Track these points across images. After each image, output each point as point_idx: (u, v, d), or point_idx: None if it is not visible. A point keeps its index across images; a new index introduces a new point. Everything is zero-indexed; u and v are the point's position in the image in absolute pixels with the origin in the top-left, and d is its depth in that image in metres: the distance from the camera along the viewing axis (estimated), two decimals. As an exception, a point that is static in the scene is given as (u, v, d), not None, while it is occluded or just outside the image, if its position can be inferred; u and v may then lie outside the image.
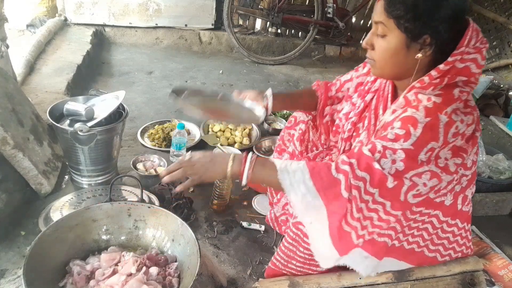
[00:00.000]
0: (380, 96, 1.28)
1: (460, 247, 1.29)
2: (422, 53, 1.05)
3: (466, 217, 1.25)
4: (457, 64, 1.02)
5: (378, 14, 1.05)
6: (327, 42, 4.17)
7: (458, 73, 1.03)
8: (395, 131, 1.01)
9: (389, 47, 1.06)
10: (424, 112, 1.00)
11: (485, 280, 1.39)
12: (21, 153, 1.58)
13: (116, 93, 1.79)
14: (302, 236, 1.23)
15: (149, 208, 1.31)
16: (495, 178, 2.18)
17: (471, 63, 1.02)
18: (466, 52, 1.02)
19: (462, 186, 1.17)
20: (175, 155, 2.07)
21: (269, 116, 2.69)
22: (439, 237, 1.22)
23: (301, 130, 1.56)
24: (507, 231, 1.99)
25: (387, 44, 1.06)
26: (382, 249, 1.12)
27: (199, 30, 3.96)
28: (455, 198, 1.17)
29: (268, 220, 1.74)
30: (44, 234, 1.12)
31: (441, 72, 1.02)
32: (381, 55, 1.09)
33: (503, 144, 2.96)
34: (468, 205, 1.24)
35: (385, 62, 1.10)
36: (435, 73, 1.03)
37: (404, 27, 1.02)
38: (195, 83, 3.19)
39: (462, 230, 1.26)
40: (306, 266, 1.28)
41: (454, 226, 1.23)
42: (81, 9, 3.58)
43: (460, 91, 1.03)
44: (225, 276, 1.45)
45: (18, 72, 2.35)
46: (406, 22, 1.01)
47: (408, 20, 1.01)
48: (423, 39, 1.02)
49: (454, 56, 1.01)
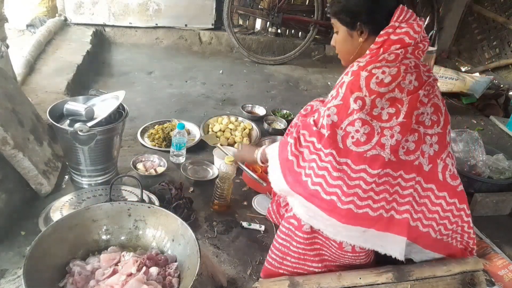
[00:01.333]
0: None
1: (452, 225, 1.29)
2: (362, 37, 1.31)
3: (455, 192, 1.26)
4: (391, 37, 1.24)
5: (331, 17, 1.38)
6: (327, 42, 4.16)
7: (392, 43, 1.24)
8: (330, 94, 1.29)
9: (339, 39, 1.38)
10: (350, 74, 1.24)
11: (485, 280, 1.39)
12: (21, 153, 1.58)
13: (116, 93, 1.79)
14: (294, 230, 1.27)
15: (149, 208, 1.31)
16: (495, 178, 2.18)
17: (404, 36, 1.24)
18: (398, 27, 1.24)
19: (434, 150, 1.25)
20: (175, 155, 2.08)
21: (269, 116, 2.70)
22: (430, 210, 1.24)
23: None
24: (507, 231, 1.99)
25: (339, 37, 1.38)
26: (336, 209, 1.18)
27: (199, 30, 3.96)
28: (432, 163, 1.24)
29: (269, 213, 1.75)
30: (44, 234, 1.12)
31: (378, 43, 1.26)
32: (338, 47, 1.41)
33: (503, 144, 2.96)
34: (455, 180, 1.28)
35: (341, 51, 1.41)
36: (373, 46, 1.27)
37: (343, 20, 1.33)
38: (195, 83, 3.19)
39: (453, 206, 1.26)
40: (302, 262, 1.29)
41: (442, 198, 1.25)
42: (81, 9, 3.58)
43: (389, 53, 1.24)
44: (225, 276, 1.45)
45: (18, 72, 2.35)
46: (343, 16, 1.32)
47: (343, 14, 1.32)
48: (358, 27, 1.30)
49: (386, 29, 1.25)
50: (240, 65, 3.74)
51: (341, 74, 1.37)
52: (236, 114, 2.61)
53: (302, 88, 3.48)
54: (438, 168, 1.25)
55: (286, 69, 3.80)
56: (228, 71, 3.54)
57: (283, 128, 2.57)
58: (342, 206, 1.16)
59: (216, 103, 2.90)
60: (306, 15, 3.89)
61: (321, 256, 1.31)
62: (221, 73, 3.49)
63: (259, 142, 2.35)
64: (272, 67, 3.79)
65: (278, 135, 2.43)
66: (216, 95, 3.02)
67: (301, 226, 1.26)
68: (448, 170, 1.27)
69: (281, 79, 3.56)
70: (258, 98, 3.10)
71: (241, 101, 2.91)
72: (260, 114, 2.73)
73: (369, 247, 1.23)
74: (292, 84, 3.50)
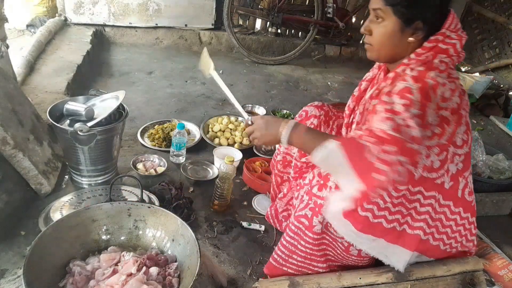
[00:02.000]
0: (375, 84, 1.35)
1: (461, 237, 1.29)
2: (414, 37, 1.16)
3: (469, 207, 1.26)
4: (440, 45, 1.14)
5: (376, 2, 1.16)
6: (327, 42, 4.17)
7: (439, 52, 1.14)
8: (399, 103, 1.05)
9: (385, 31, 1.17)
10: (411, 80, 1.08)
11: (485, 280, 1.39)
12: (21, 153, 1.58)
13: (116, 93, 1.79)
14: (304, 229, 1.24)
15: (149, 208, 1.31)
16: (495, 178, 2.18)
17: (451, 47, 1.14)
18: (448, 36, 1.14)
19: (458, 168, 1.21)
20: (175, 155, 2.08)
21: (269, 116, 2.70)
22: (444, 225, 1.23)
23: (313, 124, 1.57)
24: (507, 231, 1.99)
25: (384, 28, 1.17)
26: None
27: (199, 30, 3.96)
28: (454, 181, 1.21)
29: (267, 217, 1.74)
30: (44, 234, 1.12)
31: (426, 49, 1.14)
32: (378, 38, 1.20)
33: (503, 144, 2.96)
34: (471, 196, 1.26)
35: (381, 45, 1.21)
36: (421, 50, 1.15)
37: (400, 13, 1.13)
38: (195, 83, 3.19)
39: (465, 221, 1.27)
40: (307, 262, 1.28)
41: (457, 214, 1.24)
42: (81, 9, 3.58)
43: (440, 61, 1.13)
44: (225, 276, 1.45)
45: (18, 72, 2.35)
46: (402, 8, 1.12)
47: (404, 7, 1.12)
48: (415, 25, 1.14)
49: (437, 35, 1.14)
50: (240, 65, 3.74)
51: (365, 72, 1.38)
52: (236, 114, 2.61)
53: (302, 88, 3.48)
54: (459, 186, 1.22)
55: (286, 69, 3.80)
56: (228, 71, 3.54)
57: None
58: (360, 212, 1.13)
59: (216, 103, 2.90)
60: (306, 15, 3.89)
61: (326, 256, 1.30)
62: (221, 73, 3.49)
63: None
64: (272, 67, 3.79)
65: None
66: (216, 95, 3.02)
67: (312, 227, 1.22)
68: (468, 187, 1.25)
69: (281, 79, 3.56)
70: (258, 98, 3.10)
71: (241, 101, 2.88)
72: (260, 114, 2.73)
73: (374, 255, 1.22)
74: (292, 84, 3.50)
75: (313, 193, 1.22)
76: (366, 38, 1.25)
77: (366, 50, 1.27)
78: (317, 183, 1.23)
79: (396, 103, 1.05)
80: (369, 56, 1.27)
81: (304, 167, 1.59)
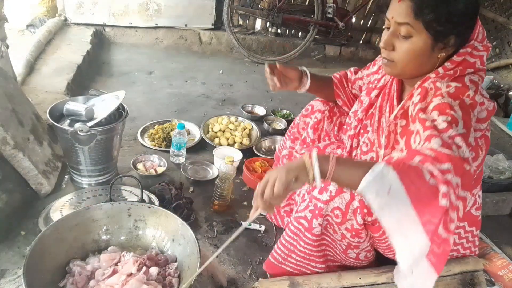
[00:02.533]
0: (386, 94, 1.29)
1: (465, 250, 1.29)
2: (445, 52, 1.06)
3: (475, 222, 1.25)
4: (468, 58, 1.06)
5: (403, 15, 1.03)
6: (327, 42, 4.17)
7: (468, 66, 1.06)
8: (441, 120, 0.94)
9: (414, 48, 1.05)
10: (449, 98, 0.98)
11: (485, 280, 1.39)
12: (21, 153, 1.58)
13: (116, 93, 1.79)
14: (303, 230, 1.24)
15: (149, 208, 1.31)
16: (495, 178, 2.18)
17: (478, 60, 1.06)
18: (476, 48, 1.06)
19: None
20: (175, 155, 2.08)
21: (269, 116, 2.70)
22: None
23: (316, 119, 1.57)
24: (507, 231, 1.99)
25: (412, 45, 1.05)
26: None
27: (199, 30, 3.96)
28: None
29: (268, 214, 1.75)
30: (44, 234, 1.13)
31: (455, 63, 1.06)
32: (404, 56, 1.07)
33: (503, 144, 2.96)
34: (478, 211, 1.24)
35: (408, 63, 1.08)
36: (449, 64, 1.06)
37: (434, 30, 1.01)
38: (195, 83, 3.19)
39: (469, 234, 1.26)
40: (306, 262, 1.28)
41: (461, 228, 1.23)
42: (81, 9, 3.58)
43: (469, 80, 1.05)
44: (225, 276, 1.45)
45: (18, 72, 2.35)
46: (437, 25, 1.01)
47: (439, 23, 1.01)
48: (448, 39, 1.04)
49: (465, 48, 1.05)
50: (240, 65, 3.74)
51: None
52: (236, 114, 2.61)
53: (302, 88, 3.47)
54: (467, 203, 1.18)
55: (286, 69, 3.79)
56: (228, 71, 3.54)
57: (283, 128, 2.57)
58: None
59: (216, 103, 2.90)
60: (306, 15, 3.89)
61: (325, 257, 1.30)
62: (221, 73, 3.49)
63: (259, 142, 2.34)
64: (272, 67, 3.79)
65: (278, 135, 2.43)
66: (216, 95, 3.02)
67: (311, 228, 1.22)
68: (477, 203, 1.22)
69: (281, 79, 3.56)
70: (258, 98, 3.10)
71: (241, 101, 2.90)
72: (260, 114, 2.73)
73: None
74: (292, 84, 3.50)
75: (313, 195, 1.22)
76: (385, 54, 1.12)
77: (385, 66, 1.14)
78: None
79: (438, 119, 0.94)
80: (389, 72, 1.16)
81: None
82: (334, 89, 1.55)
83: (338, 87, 1.54)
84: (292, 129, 1.68)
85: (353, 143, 1.37)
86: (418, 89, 1.10)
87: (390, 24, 1.08)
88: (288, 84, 1.44)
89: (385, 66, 1.15)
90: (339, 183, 0.94)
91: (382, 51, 1.12)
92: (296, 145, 1.64)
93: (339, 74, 1.57)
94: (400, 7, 1.03)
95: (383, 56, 1.13)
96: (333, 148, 1.49)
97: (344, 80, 1.55)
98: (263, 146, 2.34)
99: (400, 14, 1.04)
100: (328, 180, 0.91)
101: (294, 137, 1.66)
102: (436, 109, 0.97)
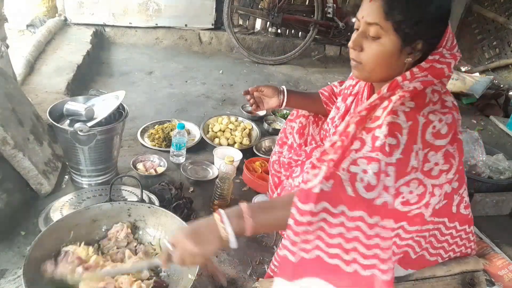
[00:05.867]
0: (359, 99, 1.29)
1: (459, 248, 1.29)
2: (412, 57, 1.03)
3: (466, 220, 1.24)
4: (435, 64, 1.02)
5: (373, 15, 1.01)
6: (327, 42, 4.17)
7: (434, 73, 1.02)
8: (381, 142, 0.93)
9: (383, 50, 1.02)
10: (404, 117, 0.95)
11: (485, 280, 1.39)
12: (21, 153, 1.58)
13: (116, 93, 1.79)
14: None
15: (149, 208, 1.31)
16: (495, 178, 2.18)
17: (445, 66, 1.03)
18: (443, 55, 1.03)
19: (452, 187, 1.13)
20: (175, 155, 2.08)
21: (269, 116, 2.70)
22: (438, 240, 1.21)
23: (301, 123, 1.60)
24: (507, 231, 1.99)
25: (381, 47, 1.02)
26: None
27: (199, 30, 3.96)
28: (448, 199, 1.14)
29: None
30: (44, 234, 1.13)
31: (422, 69, 1.02)
32: (372, 57, 1.05)
33: (503, 144, 2.96)
34: (467, 209, 1.23)
35: (375, 65, 1.06)
36: (417, 70, 1.02)
37: (403, 32, 0.99)
38: (195, 83, 3.19)
39: (462, 232, 1.26)
40: None
41: (453, 228, 1.23)
42: (81, 9, 3.58)
43: (432, 91, 1.02)
44: (225, 276, 1.45)
45: (18, 72, 2.35)
46: (406, 27, 0.98)
47: (409, 25, 0.98)
48: (415, 44, 1.02)
49: (434, 55, 1.02)
50: (240, 65, 3.74)
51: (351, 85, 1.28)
52: (236, 114, 2.61)
53: (302, 88, 3.48)
54: (453, 203, 1.17)
55: (286, 69, 3.80)
56: (228, 71, 3.54)
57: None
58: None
59: (216, 103, 2.90)
60: (306, 15, 3.89)
61: None
62: (221, 73, 3.49)
63: (259, 142, 2.34)
64: (272, 67, 3.79)
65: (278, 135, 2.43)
66: (216, 95, 3.02)
67: None
68: (464, 202, 1.21)
69: (281, 79, 3.56)
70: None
71: (241, 101, 2.90)
72: (260, 114, 2.73)
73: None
74: (292, 84, 3.50)
75: None
76: (354, 54, 1.08)
77: (354, 69, 1.11)
78: None
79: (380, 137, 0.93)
80: (357, 75, 1.12)
81: (292, 164, 1.58)
82: (325, 106, 1.56)
83: (328, 104, 1.56)
84: (280, 134, 1.71)
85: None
86: (376, 94, 1.05)
87: (360, 25, 1.05)
88: (268, 102, 1.55)
89: (353, 68, 1.12)
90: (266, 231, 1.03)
91: (351, 52, 1.09)
92: (284, 149, 1.65)
93: (327, 91, 1.58)
94: (371, 7, 1.01)
95: (351, 57, 1.10)
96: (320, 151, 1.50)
97: (332, 95, 1.57)
98: (263, 146, 2.34)
99: (370, 14, 1.01)
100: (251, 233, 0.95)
101: (282, 142, 1.68)
102: (388, 126, 0.94)
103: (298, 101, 1.58)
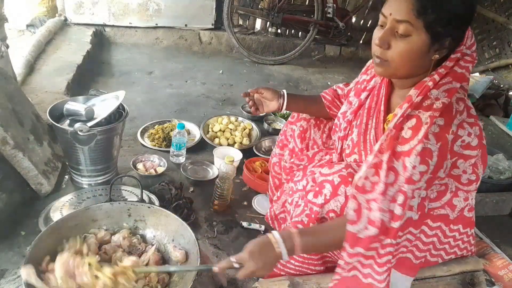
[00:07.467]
0: (375, 95, 1.27)
1: (461, 251, 1.29)
2: (439, 54, 1.04)
3: (468, 222, 1.25)
4: (456, 68, 1.05)
5: (404, 13, 0.98)
6: (327, 42, 4.17)
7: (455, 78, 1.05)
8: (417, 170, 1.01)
9: (411, 47, 1.01)
10: (434, 139, 1.01)
11: (485, 280, 1.39)
12: (21, 153, 1.58)
13: (116, 93, 1.79)
14: None
15: (149, 208, 1.31)
16: (495, 178, 2.18)
17: (465, 71, 1.06)
18: (464, 54, 1.06)
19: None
20: (175, 155, 2.08)
21: (269, 116, 2.70)
22: (441, 242, 1.22)
23: (302, 127, 1.56)
24: (507, 231, 1.99)
25: (410, 44, 1.01)
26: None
27: (199, 30, 3.96)
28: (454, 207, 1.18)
29: (267, 218, 1.74)
30: (44, 234, 1.13)
31: (447, 68, 1.05)
32: (400, 55, 1.03)
33: (503, 144, 2.96)
34: (471, 212, 1.23)
35: (403, 62, 1.04)
36: (442, 70, 1.05)
37: (435, 30, 0.99)
38: (195, 83, 3.19)
39: (464, 235, 1.26)
40: (305, 266, 1.28)
41: (456, 231, 1.23)
42: (81, 9, 3.58)
43: (456, 100, 1.05)
44: (225, 276, 1.45)
45: (18, 72, 2.35)
46: (438, 26, 0.98)
47: (440, 24, 0.98)
48: (445, 41, 1.02)
49: (455, 53, 1.05)
50: (240, 65, 3.74)
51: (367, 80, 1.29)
52: (236, 114, 2.61)
53: (302, 88, 3.47)
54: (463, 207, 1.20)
55: (286, 69, 3.80)
56: (228, 71, 3.54)
57: (283, 128, 2.57)
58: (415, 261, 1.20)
59: (216, 103, 2.90)
60: (306, 15, 3.89)
61: (324, 259, 1.30)
62: (221, 73, 3.49)
63: (259, 142, 2.34)
64: (272, 67, 3.79)
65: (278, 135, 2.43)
66: (216, 95, 3.02)
67: None
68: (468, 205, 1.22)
69: (281, 79, 3.56)
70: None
71: (241, 101, 2.90)
72: (260, 114, 2.73)
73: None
74: (292, 84, 3.50)
75: (308, 199, 1.21)
76: (379, 52, 1.06)
77: (377, 66, 1.09)
78: (311, 188, 1.22)
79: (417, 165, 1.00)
80: (381, 72, 1.10)
81: (293, 168, 1.56)
82: (328, 110, 1.54)
83: (332, 108, 1.53)
84: (280, 136, 1.67)
85: (343, 144, 1.36)
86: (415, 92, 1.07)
87: (387, 21, 1.03)
88: (268, 105, 1.52)
89: (377, 66, 1.10)
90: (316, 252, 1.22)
91: (376, 49, 1.07)
92: (284, 152, 1.63)
93: (329, 94, 1.54)
94: (401, 4, 0.99)
95: (376, 55, 1.08)
96: (321, 155, 1.48)
97: (336, 99, 1.53)
98: (263, 146, 2.34)
99: (400, 11, 0.99)
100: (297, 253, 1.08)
101: (283, 144, 1.64)
102: (420, 154, 1.00)
103: (298, 105, 1.55)
